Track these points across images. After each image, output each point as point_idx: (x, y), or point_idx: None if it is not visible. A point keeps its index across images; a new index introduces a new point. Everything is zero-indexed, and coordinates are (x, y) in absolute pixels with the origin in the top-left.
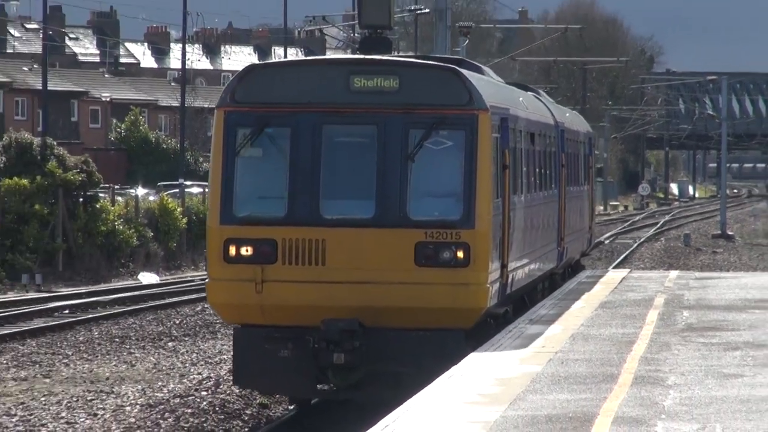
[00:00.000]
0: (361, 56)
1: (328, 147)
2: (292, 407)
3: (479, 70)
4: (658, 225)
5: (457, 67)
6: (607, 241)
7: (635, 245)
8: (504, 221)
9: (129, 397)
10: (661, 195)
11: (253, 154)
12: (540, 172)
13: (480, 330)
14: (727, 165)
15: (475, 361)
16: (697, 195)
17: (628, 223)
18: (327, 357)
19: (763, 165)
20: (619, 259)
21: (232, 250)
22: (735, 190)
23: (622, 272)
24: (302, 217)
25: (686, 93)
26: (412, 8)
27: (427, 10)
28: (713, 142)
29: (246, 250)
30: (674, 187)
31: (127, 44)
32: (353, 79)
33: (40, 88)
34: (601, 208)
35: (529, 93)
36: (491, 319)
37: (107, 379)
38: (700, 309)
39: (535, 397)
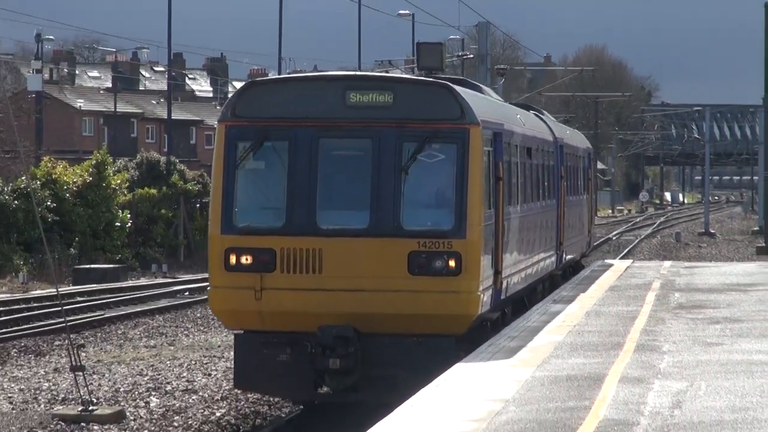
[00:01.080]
0: (357, 73)
1: (325, 160)
2: (293, 406)
3: (479, 89)
4: (655, 225)
5: (449, 83)
6: (614, 238)
7: (637, 241)
8: (498, 230)
9: None
10: (657, 201)
11: (253, 166)
12: (538, 184)
13: (474, 335)
14: (710, 177)
15: (507, 334)
16: (685, 201)
17: (631, 223)
18: (323, 361)
19: (738, 177)
20: (624, 252)
21: (233, 259)
22: (716, 197)
23: (627, 262)
24: (300, 227)
25: (677, 121)
26: (460, 54)
27: (471, 56)
28: (698, 159)
29: (246, 259)
30: (668, 195)
31: (234, 83)
32: (349, 94)
33: (166, 117)
34: (609, 211)
35: (530, 112)
36: (488, 322)
37: (219, 346)
38: (688, 291)
39: (558, 361)
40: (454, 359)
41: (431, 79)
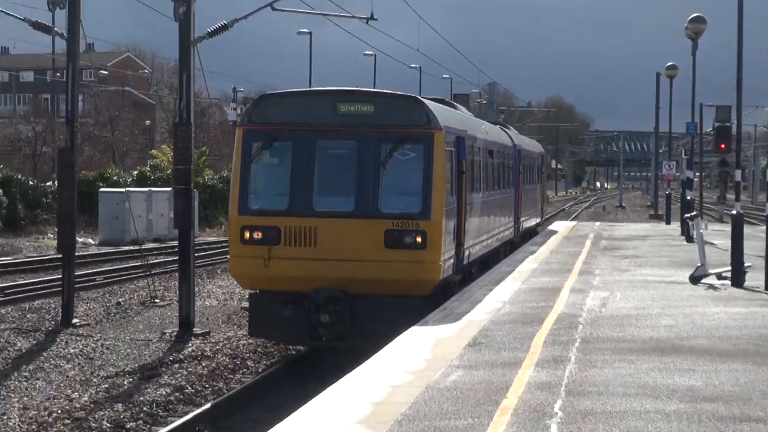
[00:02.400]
0: (345, 88)
1: (320, 156)
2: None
3: (454, 106)
4: (590, 201)
5: (418, 96)
6: (566, 208)
7: (580, 210)
8: (461, 212)
9: None
10: (592, 187)
11: (264, 161)
12: (499, 176)
13: (439, 294)
14: (623, 173)
15: (506, 263)
16: (608, 187)
17: (576, 200)
18: (316, 316)
19: (640, 173)
20: (572, 216)
21: (247, 234)
22: (626, 186)
23: (574, 222)
24: (299, 210)
25: (604, 140)
26: (478, 101)
27: (485, 102)
28: (616, 163)
29: (257, 235)
30: (598, 184)
31: None
32: (339, 105)
33: None
34: (563, 193)
35: (497, 126)
36: (454, 283)
37: None
38: (610, 239)
39: (534, 279)
40: (421, 315)
41: (404, 93)
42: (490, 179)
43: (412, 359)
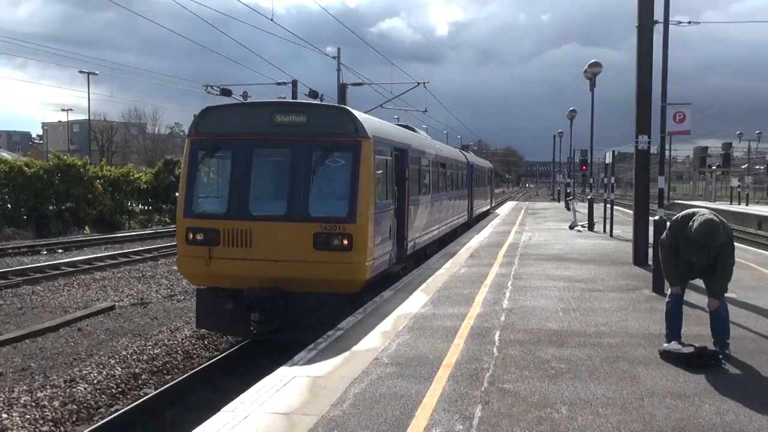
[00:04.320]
0: (281, 100)
1: (257, 164)
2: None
3: (413, 129)
4: (523, 192)
5: (347, 108)
6: (513, 196)
7: (518, 197)
8: (404, 212)
9: None
10: (524, 187)
11: (207, 168)
12: (452, 182)
13: (381, 284)
14: (539, 180)
15: (471, 232)
16: (532, 187)
17: (517, 192)
18: (249, 314)
19: (546, 180)
20: (515, 199)
21: (191, 236)
22: (540, 185)
23: (516, 202)
24: (237, 214)
25: (530, 165)
26: (474, 148)
27: (476, 148)
28: (536, 175)
29: (199, 236)
30: (527, 185)
31: None
32: (275, 116)
33: None
34: (511, 189)
35: (456, 149)
36: (399, 270)
37: None
38: (533, 210)
39: (498, 228)
40: (350, 311)
41: (334, 105)
42: (441, 183)
43: (444, 263)
